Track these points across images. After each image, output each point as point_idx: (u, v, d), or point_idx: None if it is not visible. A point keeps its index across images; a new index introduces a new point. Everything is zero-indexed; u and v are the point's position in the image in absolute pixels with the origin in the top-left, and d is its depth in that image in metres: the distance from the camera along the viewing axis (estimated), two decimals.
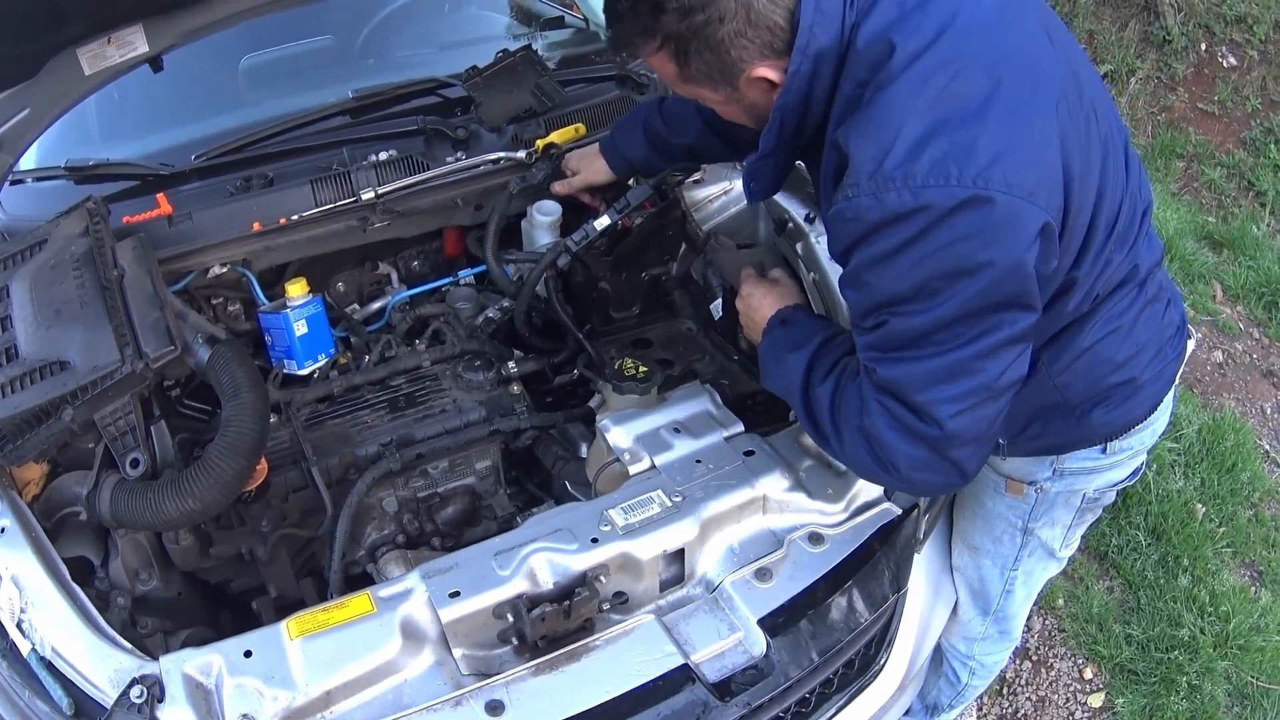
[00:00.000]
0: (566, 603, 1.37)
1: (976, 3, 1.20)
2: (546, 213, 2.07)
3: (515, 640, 1.41)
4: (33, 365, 1.52)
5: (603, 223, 1.92)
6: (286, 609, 1.57)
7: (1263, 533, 2.99)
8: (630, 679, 1.35)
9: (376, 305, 2.19)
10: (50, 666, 1.33)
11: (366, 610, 1.37)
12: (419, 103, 2.19)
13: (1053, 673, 2.64)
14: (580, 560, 1.42)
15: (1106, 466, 1.58)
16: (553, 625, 1.38)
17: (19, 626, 1.36)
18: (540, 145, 2.07)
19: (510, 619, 1.39)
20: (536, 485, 2.00)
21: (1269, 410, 3.48)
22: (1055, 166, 1.18)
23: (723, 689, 1.37)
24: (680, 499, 1.51)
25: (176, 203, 1.89)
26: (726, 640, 1.42)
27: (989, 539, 1.75)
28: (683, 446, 1.63)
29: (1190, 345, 1.56)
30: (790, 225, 2.06)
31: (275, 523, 1.76)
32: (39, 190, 2.03)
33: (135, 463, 1.54)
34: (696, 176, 2.10)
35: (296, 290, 1.93)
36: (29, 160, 2.03)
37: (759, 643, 1.42)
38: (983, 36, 1.18)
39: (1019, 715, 2.56)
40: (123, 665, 1.31)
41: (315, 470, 1.75)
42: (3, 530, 1.45)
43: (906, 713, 2.15)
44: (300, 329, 1.92)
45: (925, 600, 1.77)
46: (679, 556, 1.50)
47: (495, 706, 1.31)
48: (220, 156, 2.02)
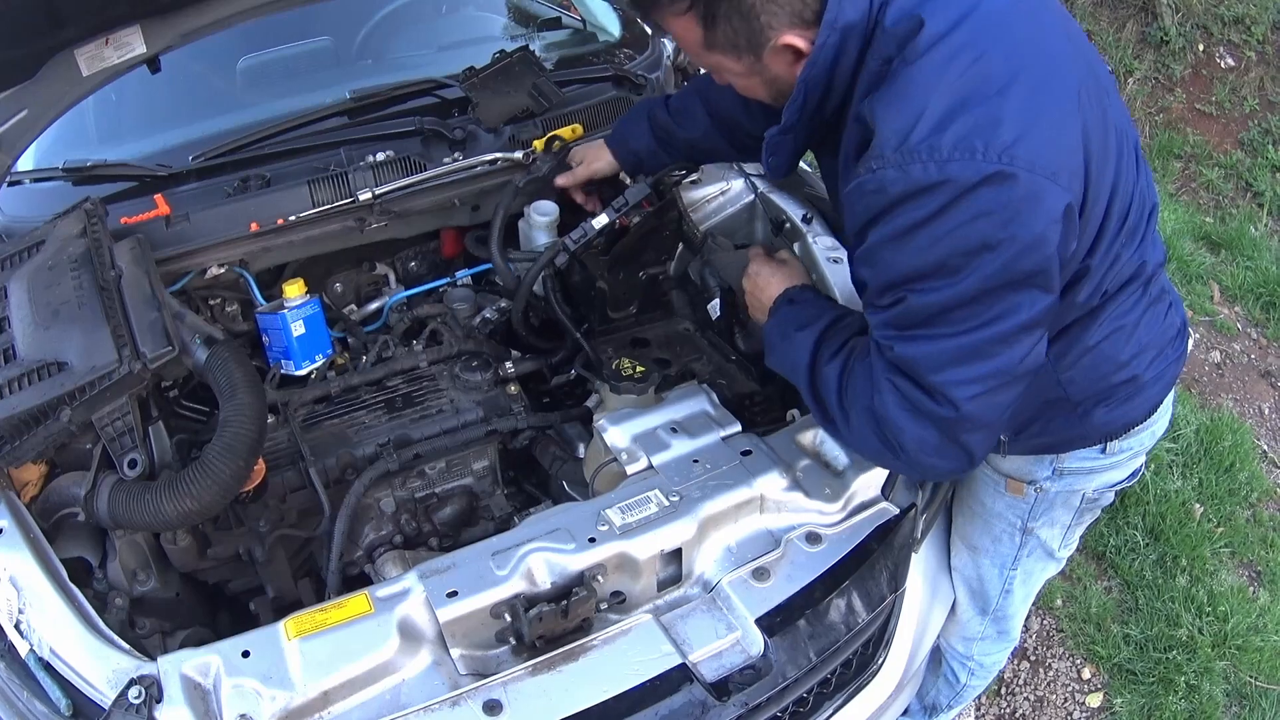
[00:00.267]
0: (564, 602, 1.37)
1: None
2: (544, 213, 2.07)
3: (513, 640, 1.41)
4: (30, 366, 1.52)
5: (600, 222, 1.92)
6: (284, 609, 1.58)
7: (1261, 533, 2.99)
8: (628, 679, 1.35)
9: (374, 306, 2.20)
10: (48, 667, 1.33)
11: (364, 610, 1.37)
12: (416, 103, 2.19)
13: (1051, 673, 2.64)
14: (578, 560, 1.42)
15: (1105, 467, 1.59)
16: (550, 625, 1.38)
17: (17, 627, 1.36)
18: (543, 141, 2.07)
19: (508, 619, 1.39)
20: (534, 485, 2.00)
21: (1267, 410, 3.48)
22: (1076, 150, 1.19)
23: (720, 689, 1.37)
24: (678, 499, 1.51)
25: (174, 203, 1.89)
26: (724, 640, 1.42)
27: (988, 538, 1.75)
28: (680, 446, 1.63)
29: (1188, 346, 1.57)
30: (787, 226, 2.06)
31: (273, 523, 1.76)
32: (37, 191, 2.03)
33: (133, 463, 1.54)
34: (694, 177, 2.10)
35: (294, 291, 1.93)
36: (27, 161, 2.03)
37: (756, 642, 1.42)
38: (1002, 26, 1.20)
39: (1017, 715, 2.56)
40: (121, 666, 1.31)
41: (313, 471, 1.75)
42: (1, 531, 1.45)
43: (905, 713, 2.15)
44: (298, 329, 1.92)
45: (923, 600, 1.77)
46: (676, 556, 1.50)
47: (493, 706, 1.31)
48: (218, 157, 2.02)
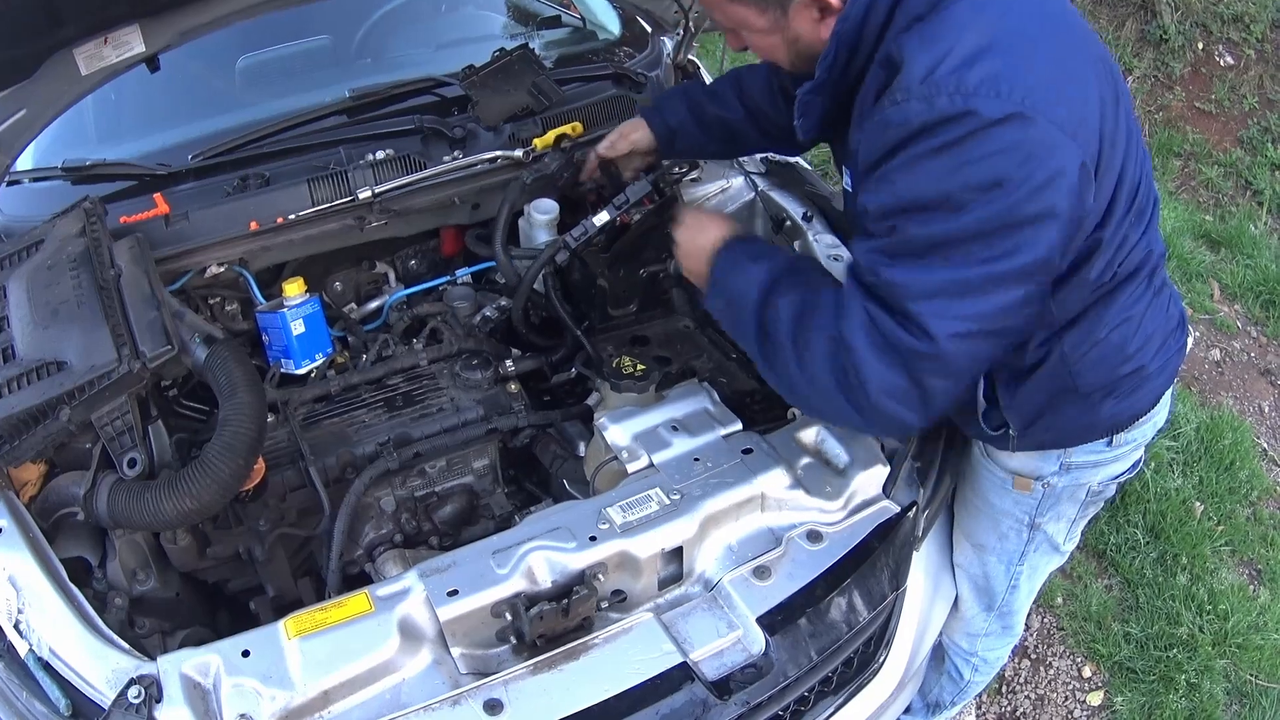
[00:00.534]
0: (565, 601, 1.37)
1: None
2: (544, 211, 2.07)
3: (514, 639, 1.41)
4: (30, 365, 1.52)
5: (601, 219, 1.91)
6: (284, 608, 1.58)
7: (1261, 531, 2.99)
8: (629, 677, 1.35)
9: (374, 304, 2.20)
10: (48, 667, 1.33)
11: (364, 609, 1.37)
12: (416, 102, 2.18)
13: (1051, 671, 2.64)
14: (578, 559, 1.42)
15: (1110, 459, 1.60)
16: (551, 624, 1.37)
17: (16, 627, 1.36)
18: (552, 137, 2.07)
19: (508, 618, 1.38)
20: (534, 484, 2.00)
21: (1267, 408, 3.48)
22: (1094, 115, 1.22)
23: (721, 687, 1.37)
24: (678, 497, 1.51)
25: (173, 202, 1.89)
26: (725, 638, 1.42)
27: (995, 536, 1.75)
28: (681, 444, 1.62)
29: (1188, 343, 1.58)
30: (788, 223, 2.06)
31: (273, 522, 1.76)
32: (36, 191, 2.03)
33: (133, 463, 1.54)
34: (695, 175, 2.10)
35: (294, 290, 1.93)
36: (26, 161, 2.03)
37: (758, 641, 1.42)
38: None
39: (1018, 714, 2.56)
40: (120, 665, 1.31)
41: (313, 470, 1.75)
42: (0, 530, 1.44)
43: (906, 711, 2.16)
44: (297, 328, 1.92)
45: (924, 598, 1.77)
46: (677, 555, 1.50)
47: (494, 705, 1.30)
48: (217, 156, 2.01)
